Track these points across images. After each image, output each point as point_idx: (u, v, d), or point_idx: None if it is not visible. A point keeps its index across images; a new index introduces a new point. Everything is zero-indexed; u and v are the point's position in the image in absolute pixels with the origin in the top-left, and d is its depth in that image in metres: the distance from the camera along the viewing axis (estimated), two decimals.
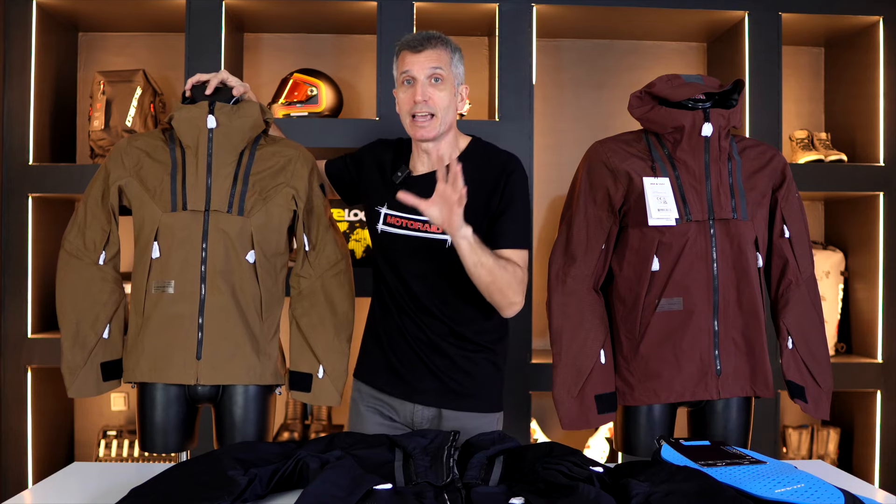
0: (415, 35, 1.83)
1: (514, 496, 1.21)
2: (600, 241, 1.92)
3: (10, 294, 2.76)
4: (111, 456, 2.95)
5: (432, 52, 1.79)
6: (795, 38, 3.07)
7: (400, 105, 1.83)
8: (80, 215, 1.92)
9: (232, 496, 1.19)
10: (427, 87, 1.78)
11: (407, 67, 1.80)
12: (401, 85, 1.83)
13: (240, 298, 1.85)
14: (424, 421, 1.84)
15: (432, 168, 1.84)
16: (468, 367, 1.85)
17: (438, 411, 1.84)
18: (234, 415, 1.89)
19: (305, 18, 2.98)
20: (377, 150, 1.97)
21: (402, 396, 1.85)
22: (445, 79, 1.80)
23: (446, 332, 1.84)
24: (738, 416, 1.92)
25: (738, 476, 1.30)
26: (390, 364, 1.87)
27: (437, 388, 1.83)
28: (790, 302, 1.93)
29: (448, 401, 1.83)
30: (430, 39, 1.80)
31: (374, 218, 1.89)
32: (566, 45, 3.20)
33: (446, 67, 1.80)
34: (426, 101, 1.78)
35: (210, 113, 1.86)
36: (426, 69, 1.78)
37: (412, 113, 1.79)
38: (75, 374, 1.88)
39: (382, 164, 1.92)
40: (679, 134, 1.86)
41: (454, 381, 1.83)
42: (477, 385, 1.85)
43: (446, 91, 1.80)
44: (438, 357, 1.83)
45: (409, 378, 1.84)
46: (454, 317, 1.83)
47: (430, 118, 1.79)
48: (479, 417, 1.84)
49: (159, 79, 3.03)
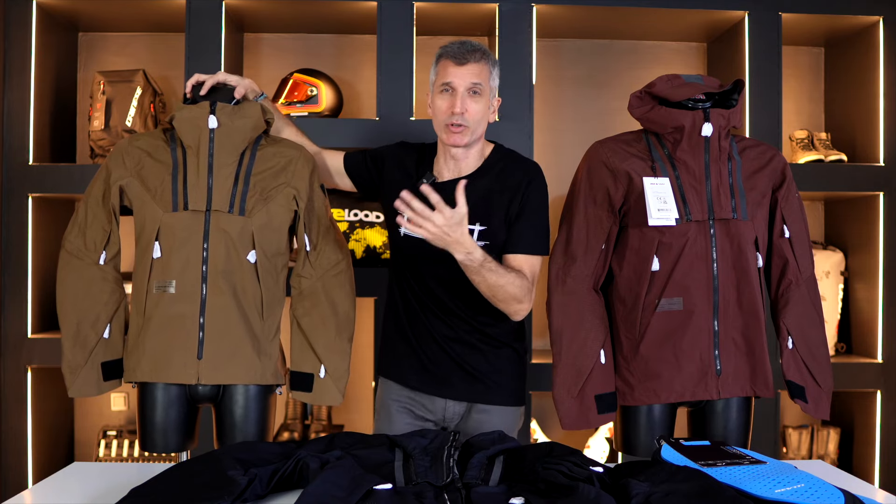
0: (459, 45, 1.84)
1: (514, 496, 1.21)
2: (600, 241, 1.92)
3: (10, 294, 2.76)
4: (111, 456, 2.95)
5: (475, 66, 1.82)
6: (795, 38, 3.07)
7: (435, 111, 1.86)
8: (80, 215, 1.92)
9: (232, 496, 1.19)
10: (466, 99, 1.81)
11: (449, 79, 1.82)
12: (438, 92, 1.85)
13: (241, 298, 1.86)
14: (455, 416, 1.90)
15: (458, 175, 1.88)
16: (495, 362, 1.90)
17: (469, 406, 1.89)
18: (234, 414, 1.89)
19: (305, 18, 2.98)
20: (400, 153, 1.98)
21: (434, 393, 1.89)
22: (483, 92, 1.83)
23: (471, 329, 1.88)
24: (738, 416, 1.92)
25: (738, 476, 1.30)
26: (422, 363, 1.90)
27: (467, 384, 1.88)
28: (790, 302, 1.94)
29: (477, 394, 1.88)
30: (475, 52, 1.83)
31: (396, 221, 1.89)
32: (566, 45, 3.20)
33: (485, 82, 1.84)
34: (463, 113, 1.81)
35: (211, 113, 1.86)
36: (467, 82, 1.82)
37: (448, 122, 1.82)
38: (76, 373, 1.88)
39: (406, 167, 1.95)
40: (679, 134, 1.86)
41: (483, 376, 1.88)
42: (504, 379, 1.90)
43: (482, 104, 1.84)
44: (467, 353, 1.88)
45: (440, 375, 1.89)
46: (477, 317, 1.88)
47: (464, 128, 1.83)
48: (505, 411, 1.90)
49: (159, 79, 3.03)
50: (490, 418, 1.87)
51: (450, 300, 1.87)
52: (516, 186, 1.85)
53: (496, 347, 1.90)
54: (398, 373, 1.94)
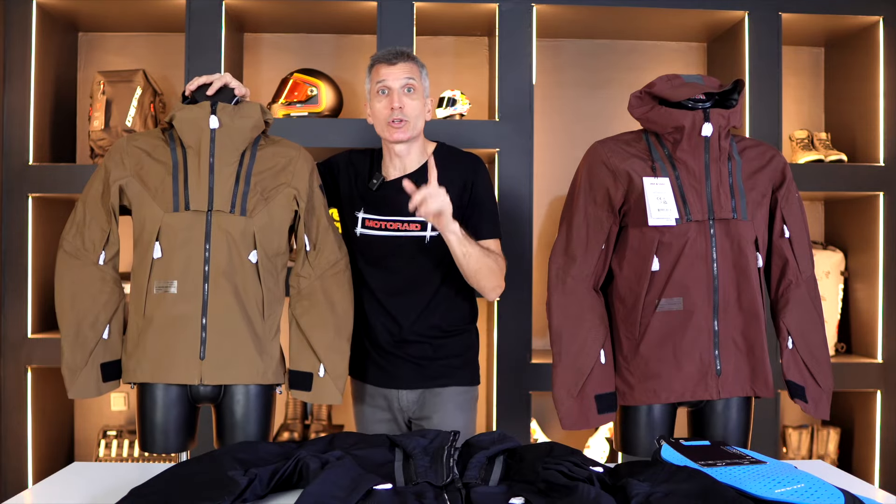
0: (388, 50, 2.00)
1: (514, 496, 1.21)
2: (600, 241, 1.92)
3: (10, 294, 2.76)
4: (111, 456, 2.95)
5: (405, 66, 1.97)
6: (795, 38, 3.07)
7: (375, 114, 1.99)
8: (78, 215, 1.92)
9: (232, 496, 1.19)
10: (402, 96, 1.95)
11: (382, 78, 1.96)
12: (375, 95, 1.99)
13: (242, 298, 1.86)
14: (411, 404, 2.01)
15: (404, 172, 2.00)
16: (442, 350, 2.01)
17: (422, 392, 2.00)
18: (235, 414, 1.89)
19: (305, 18, 2.98)
20: (352, 159, 2.11)
21: (388, 386, 2.01)
22: (417, 89, 1.98)
23: (421, 324, 1.99)
24: (738, 416, 1.92)
25: (738, 476, 1.30)
26: (375, 361, 2.03)
27: (416, 373, 1.99)
28: (790, 302, 1.93)
29: (427, 380, 2.00)
30: (402, 54, 1.98)
31: (351, 223, 2.04)
32: (566, 45, 3.20)
33: (418, 79, 1.99)
34: (401, 108, 1.94)
35: (213, 113, 1.86)
36: (401, 79, 1.96)
37: (389, 120, 1.95)
38: (76, 374, 1.87)
39: (358, 171, 2.07)
40: (679, 134, 1.86)
41: (430, 363, 2.00)
42: (454, 361, 2.02)
43: (418, 100, 1.98)
44: (414, 349, 1.99)
45: (391, 370, 2.01)
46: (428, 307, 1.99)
47: (405, 122, 1.95)
48: (457, 391, 2.01)
49: (159, 79, 3.03)
50: (443, 401, 1.99)
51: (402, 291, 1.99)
52: (464, 179, 1.99)
53: (444, 338, 2.01)
54: (359, 370, 2.06)
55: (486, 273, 1.91)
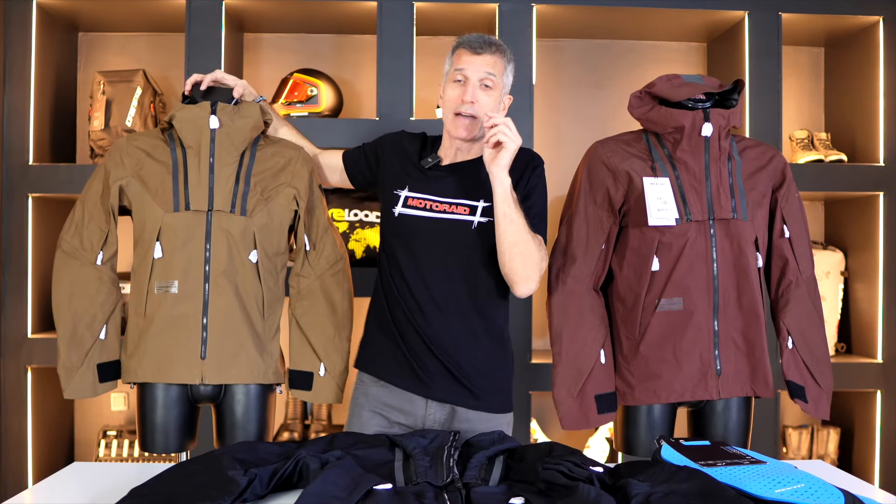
0: (477, 36, 1.84)
1: (514, 496, 1.21)
2: (600, 241, 1.92)
3: (10, 294, 2.76)
4: (111, 456, 2.95)
5: (490, 58, 1.82)
6: (795, 38, 3.07)
7: (445, 100, 1.86)
8: (77, 215, 1.92)
9: (232, 496, 1.19)
10: (477, 90, 1.81)
11: (462, 66, 1.82)
12: (451, 81, 1.85)
13: (243, 298, 1.86)
14: (436, 424, 1.81)
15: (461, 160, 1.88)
16: (482, 361, 1.82)
17: (452, 410, 1.81)
18: (235, 413, 1.90)
19: (305, 18, 2.98)
20: (401, 139, 1.98)
21: (413, 390, 1.81)
22: (495, 86, 1.83)
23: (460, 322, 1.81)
24: (739, 416, 1.92)
25: (738, 476, 1.30)
26: (404, 357, 1.82)
27: (450, 384, 1.80)
28: (790, 302, 1.94)
29: (461, 398, 1.80)
30: (491, 45, 1.83)
31: (392, 202, 1.86)
32: (566, 45, 3.20)
33: (499, 75, 1.83)
34: (473, 104, 1.81)
35: (212, 113, 1.86)
36: (480, 72, 1.81)
37: (457, 111, 1.82)
38: (72, 375, 1.87)
39: (406, 151, 1.93)
40: (679, 134, 1.86)
41: (467, 378, 1.80)
42: (489, 384, 1.83)
43: (493, 98, 1.83)
44: (452, 349, 1.80)
45: (423, 375, 1.80)
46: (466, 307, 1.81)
47: (472, 120, 1.82)
48: (491, 418, 1.82)
49: (159, 79, 3.03)
50: (473, 427, 1.76)
51: (441, 285, 1.80)
52: (521, 172, 1.83)
53: (484, 343, 1.83)
54: (375, 367, 1.86)
55: (524, 252, 1.71)
